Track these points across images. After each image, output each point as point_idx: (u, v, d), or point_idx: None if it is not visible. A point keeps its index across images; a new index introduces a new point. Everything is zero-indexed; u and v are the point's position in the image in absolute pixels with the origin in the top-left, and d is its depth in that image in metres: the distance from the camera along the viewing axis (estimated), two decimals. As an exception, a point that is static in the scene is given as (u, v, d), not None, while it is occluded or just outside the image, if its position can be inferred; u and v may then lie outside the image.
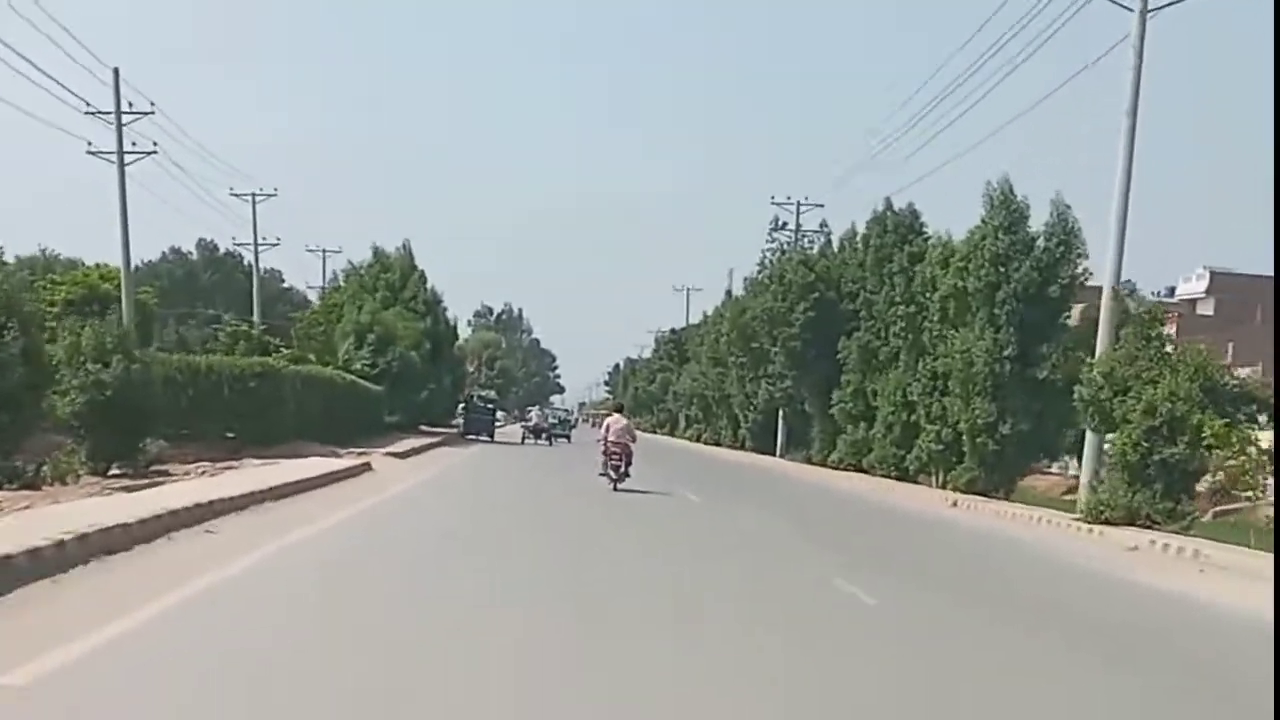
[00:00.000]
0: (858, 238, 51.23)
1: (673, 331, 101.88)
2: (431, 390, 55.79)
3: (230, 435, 28.94)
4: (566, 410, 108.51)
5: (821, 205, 60.36)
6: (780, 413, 60.44)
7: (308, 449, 29.41)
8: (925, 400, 37.19)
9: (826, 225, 52.18)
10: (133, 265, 40.16)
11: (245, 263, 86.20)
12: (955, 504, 30.21)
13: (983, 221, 32.95)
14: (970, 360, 32.36)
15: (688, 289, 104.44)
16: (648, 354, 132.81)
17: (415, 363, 45.06)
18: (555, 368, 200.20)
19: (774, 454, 61.76)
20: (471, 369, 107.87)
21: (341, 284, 50.00)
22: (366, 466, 26.27)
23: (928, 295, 37.44)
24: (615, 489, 26.90)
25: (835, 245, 52.03)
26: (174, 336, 69.77)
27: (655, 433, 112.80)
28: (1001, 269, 32.04)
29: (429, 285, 52.11)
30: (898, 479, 39.91)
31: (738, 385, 66.16)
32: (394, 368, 43.10)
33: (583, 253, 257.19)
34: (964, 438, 33.72)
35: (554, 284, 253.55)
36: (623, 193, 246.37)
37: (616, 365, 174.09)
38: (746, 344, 56.35)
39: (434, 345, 50.61)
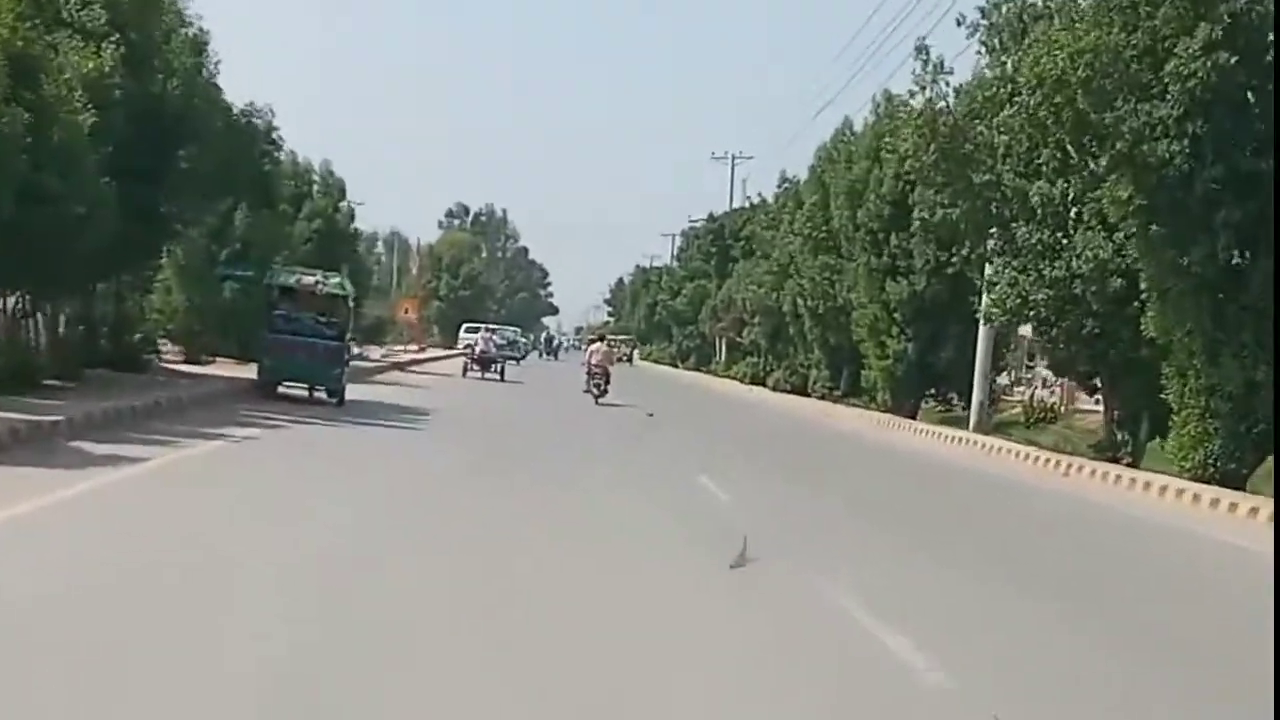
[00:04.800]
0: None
1: (711, 219, 69.37)
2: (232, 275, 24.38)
3: None
4: (518, 330, 78.33)
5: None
6: (983, 333, 28.95)
7: None
8: None
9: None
10: None
11: None
12: None
13: None
14: None
15: (732, 157, 72.14)
16: (665, 262, 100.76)
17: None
18: (547, 284, 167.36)
19: (946, 426, 30.12)
20: (418, 273, 75.90)
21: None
22: None
23: None
24: (597, 402, 31.01)
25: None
26: None
27: (677, 366, 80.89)
28: None
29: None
30: None
31: (867, 284, 34.30)
32: None
33: (581, 140, 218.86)
34: None
35: (547, 185, 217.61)
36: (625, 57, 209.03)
37: (620, 279, 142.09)
38: (961, 168, 23.70)
39: (155, 128, 18.24)
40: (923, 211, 26.71)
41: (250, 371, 23.92)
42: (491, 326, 69.44)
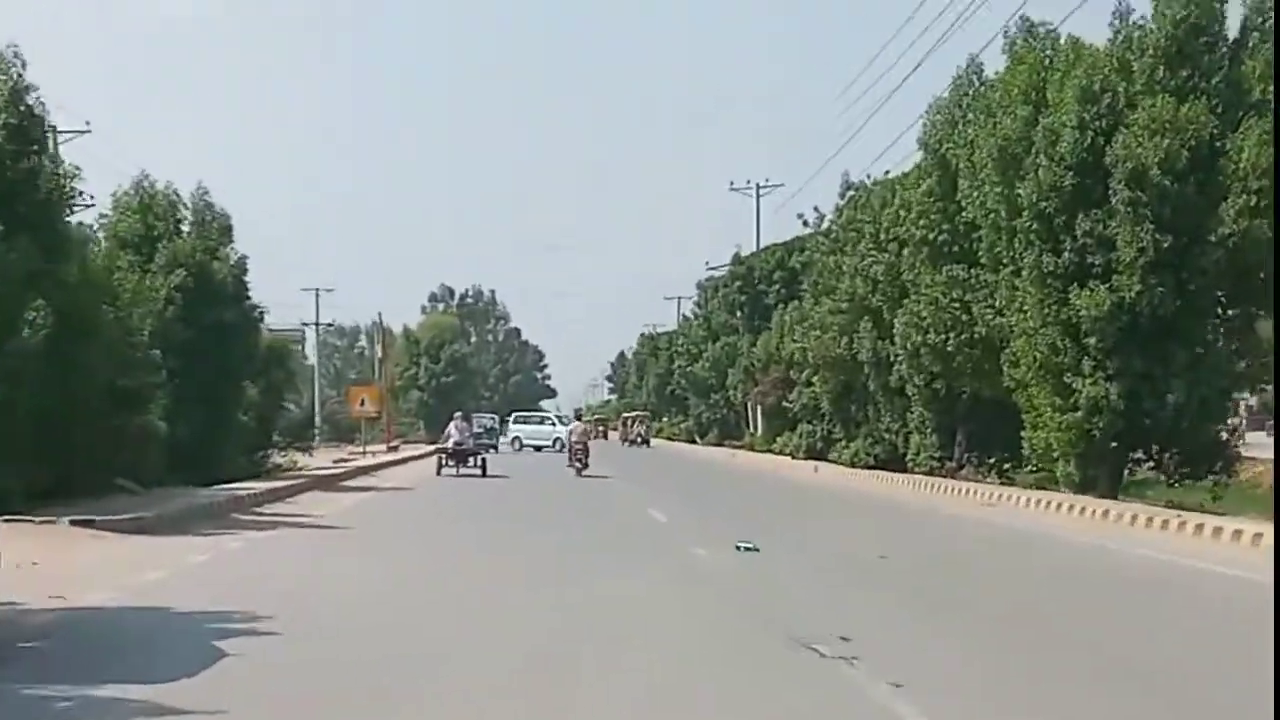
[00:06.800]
0: None
1: (737, 261, 56.70)
2: None
3: None
4: (493, 416, 67.23)
5: None
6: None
7: None
8: None
9: None
10: None
11: None
12: None
13: None
14: None
15: (757, 187, 60.04)
16: (672, 328, 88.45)
17: None
18: (544, 366, 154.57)
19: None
20: (383, 357, 63.93)
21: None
22: None
23: None
24: (579, 475, 33.18)
25: None
26: None
27: (695, 442, 68.09)
28: None
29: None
30: None
31: (1038, 298, 21.80)
32: None
33: (570, 208, 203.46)
34: None
35: (536, 260, 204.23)
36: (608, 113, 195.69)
37: (620, 354, 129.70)
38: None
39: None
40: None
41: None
42: (545, 414, 62.21)
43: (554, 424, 63.53)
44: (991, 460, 31.14)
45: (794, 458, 43.47)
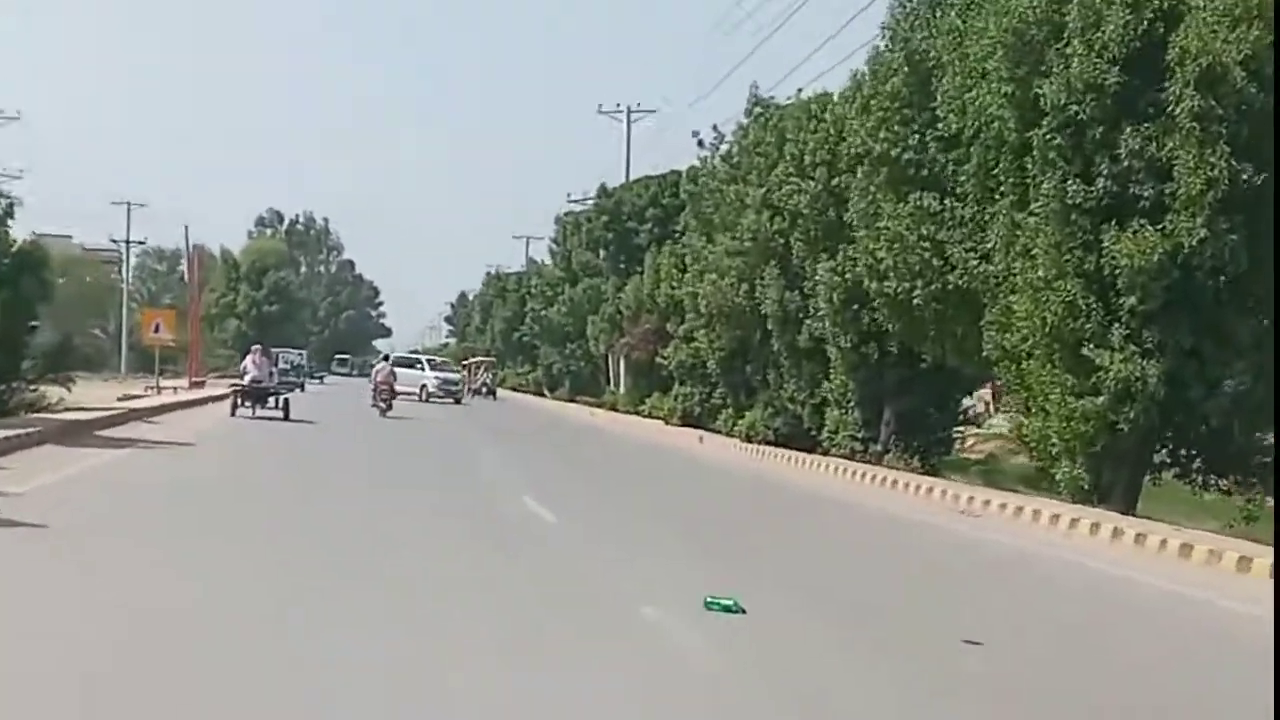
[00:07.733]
0: None
1: (604, 194, 50.08)
2: None
3: None
4: (301, 353, 62.75)
5: None
6: None
7: None
8: None
9: None
10: None
11: None
12: None
13: None
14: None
15: (628, 110, 53.65)
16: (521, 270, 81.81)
17: None
18: (379, 303, 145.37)
19: None
20: (188, 275, 56.09)
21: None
22: None
23: None
24: (383, 415, 33.75)
25: None
26: None
27: (544, 395, 61.92)
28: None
29: None
30: None
31: (1055, 240, 16.02)
32: None
33: (411, 137, 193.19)
34: None
35: (374, 193, 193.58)
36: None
37: (461, 294, 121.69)
38: None
39: None
40: None
41: None
42: (416, 357, 54.40)
43: (423, 369, 54.81)
44: (917, 445, 25.62)
45: (668, 423, 37.67)
